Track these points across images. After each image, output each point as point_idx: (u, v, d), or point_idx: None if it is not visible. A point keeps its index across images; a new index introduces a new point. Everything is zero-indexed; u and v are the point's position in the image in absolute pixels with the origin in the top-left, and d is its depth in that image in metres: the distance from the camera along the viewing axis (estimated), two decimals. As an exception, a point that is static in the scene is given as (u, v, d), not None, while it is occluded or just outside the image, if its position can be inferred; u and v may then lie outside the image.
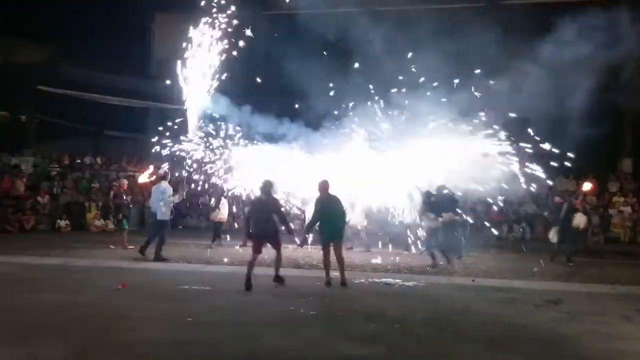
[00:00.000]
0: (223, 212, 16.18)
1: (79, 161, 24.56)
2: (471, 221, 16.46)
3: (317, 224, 10.69)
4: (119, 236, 15.28)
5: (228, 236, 16.53)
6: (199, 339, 6.60)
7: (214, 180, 15.84)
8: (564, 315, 8.34)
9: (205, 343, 6.49)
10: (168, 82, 14.85)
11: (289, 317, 7.87)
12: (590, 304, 9.22)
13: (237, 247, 15.69)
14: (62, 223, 20.07)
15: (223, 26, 14.49)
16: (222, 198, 16.23)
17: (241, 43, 14.99)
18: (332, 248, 10.45)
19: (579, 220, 14.46)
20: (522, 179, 13.94)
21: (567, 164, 15.28)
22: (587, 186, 17.77)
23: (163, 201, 12.95)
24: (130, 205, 16.51)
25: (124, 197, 15.59)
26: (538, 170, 14.30)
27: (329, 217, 10.43)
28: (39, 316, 7.51)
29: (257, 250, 10.31)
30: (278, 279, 10.26)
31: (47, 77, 23.94)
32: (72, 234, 18.85)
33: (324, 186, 10.59)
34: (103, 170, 24.00)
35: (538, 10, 20.87)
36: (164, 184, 13.19)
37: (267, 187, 10.49)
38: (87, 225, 20.08)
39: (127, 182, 16.36)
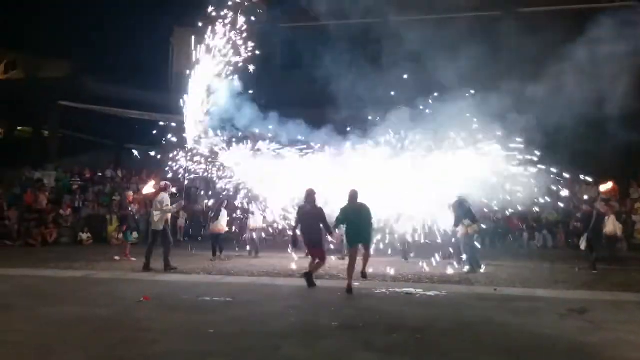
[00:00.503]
0: (222, 222, 15.81)
1: (100, 175, 24.85)
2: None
3: (344, 230, 11.11)
4: (137, 248, 15.31)
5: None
6: (220, 351, 6.59)
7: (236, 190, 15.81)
8: (589, 324, 8.20)
9: (226, 355, 6.47)
10: (183, 94, 14.93)
11: (309, 328, 7.84)
12: (615, 313, 9.05)
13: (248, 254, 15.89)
14: (84, 236, 20.32)
15: (239, 38, 14.56)
16: (222, 208, 15.89)
17: (258, 52, 15.08)
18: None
19: (614, 226, 14.22)
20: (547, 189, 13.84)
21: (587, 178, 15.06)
22: (606, 186, 17.51)
23: (158, 211, 13.06)
24: (136, 217, 16.52)
25: (129, 209, 15.64)
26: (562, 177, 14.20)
27: (358, 224, 10.83)
28: (60, 329, 7.55)
29: (311, 253, 11.30)
30: (307, 277, 10.61)
31: (69, 92, 24.31)
32: (94, 247, 19.04)
33: (354, 195, 10.96)
34: (124, 183, 24.20)
35: (556, 17, 20.77)
36: (162, 195, 13.27)
37: (311, 196, 11.05)
38: (109, 238, 20.24)
39: (132, 193, 16.42)
